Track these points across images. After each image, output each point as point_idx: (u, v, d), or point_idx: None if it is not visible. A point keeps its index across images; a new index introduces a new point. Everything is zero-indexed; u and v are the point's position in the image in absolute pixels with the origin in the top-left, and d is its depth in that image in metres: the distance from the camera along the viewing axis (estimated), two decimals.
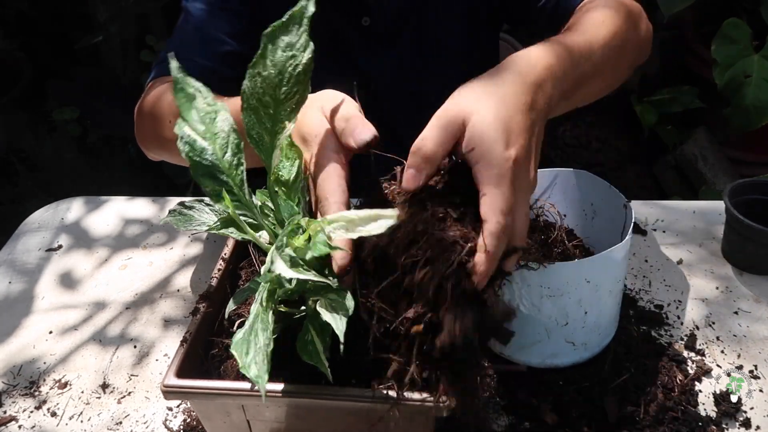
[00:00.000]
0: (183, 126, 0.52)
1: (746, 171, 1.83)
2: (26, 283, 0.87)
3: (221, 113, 0.53)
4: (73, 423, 0.67)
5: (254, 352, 0.47)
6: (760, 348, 0.72)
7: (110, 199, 1.02)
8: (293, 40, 0.50)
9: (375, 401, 0.51)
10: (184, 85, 0.52)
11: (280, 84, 0.51)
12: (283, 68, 0.50)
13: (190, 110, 0.52)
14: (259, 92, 0.51)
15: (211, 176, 0.52)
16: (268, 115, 0.52)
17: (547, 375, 0.66)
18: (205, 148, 0.52)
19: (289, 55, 0.50)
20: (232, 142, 0.52)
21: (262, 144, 0.52)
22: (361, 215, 0.47)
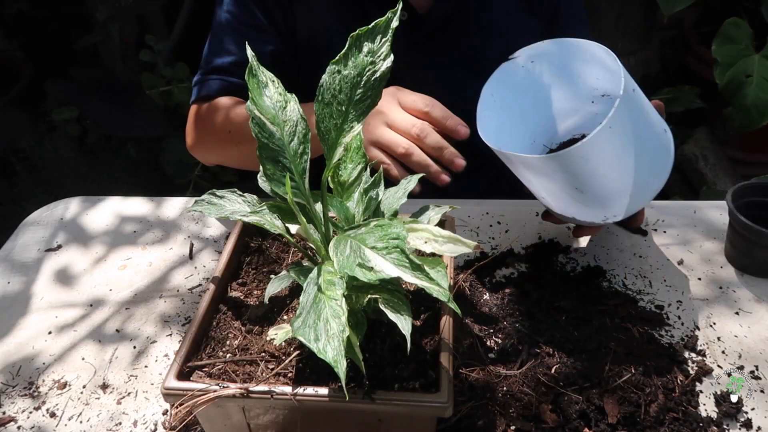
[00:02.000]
0: (253, 108, 0.54)
1: (747, 171, 1.83)
2: (25, 283, 0.86)
3: (291, 103, 0.55)
4: (73, 423, 0.67)
5: (326, 337, 0.47)
6: (761, 348, 0.72)
7: (109, 199, 1.02)
8: (375, 47, 0.53)
9: (377, 403, 0.51)
10: (257, 73, 0.55)
11: (357, 85, 0.53)
12: (362, 71, 0.53)
13: (261, 96, 0.55)
14: (336, 88, 0.53)
15: (275, 160, 0.54)
16: (340, 112, 0.53)
17: (546, 375, 0.66)
18: (273, 133, 0.54)
19: (369, 60, 0.53)
20: (300, 132, 0.55)
21: (329, 138, 0.54)
22: (444, 234, 0.51)
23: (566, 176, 0.66)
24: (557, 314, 0.74)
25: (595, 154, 0.64)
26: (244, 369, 0.57)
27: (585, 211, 0.73)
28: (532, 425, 0.62)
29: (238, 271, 0.69)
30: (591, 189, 0.68)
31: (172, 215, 0.97)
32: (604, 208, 0.71)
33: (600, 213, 0.72)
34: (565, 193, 0.70)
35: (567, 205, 0.73)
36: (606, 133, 0.62)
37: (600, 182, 0.68)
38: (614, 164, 0.67)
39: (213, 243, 0.91)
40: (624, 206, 0.71)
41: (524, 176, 0.72)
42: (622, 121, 0.64)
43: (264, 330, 0.61)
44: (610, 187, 0.69)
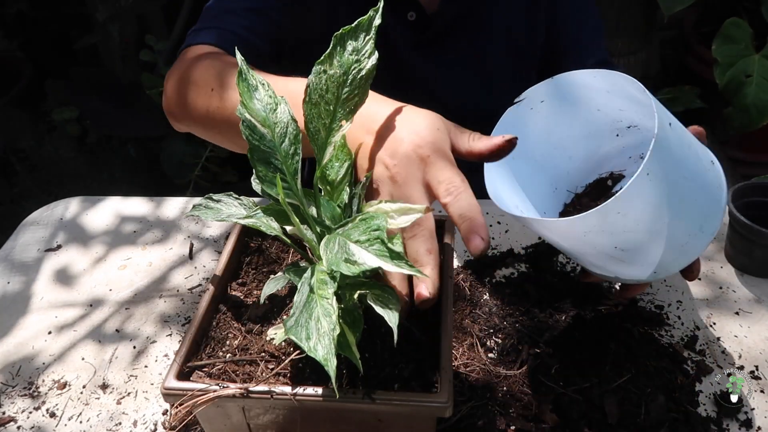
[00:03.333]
0: (244, 112, 0.54)
1: (747, 171, 1.83)
2: (25, 283, 0.86)
3: (281, 105, 0.55)
4: (72, 423, 0.67)
5: (317, 335, 0.47)
6: (761, 349, 0.72)
7: (109, 199, 1.02)
8: (360, 46, 0.53)
9: (377, 403, 0.51)
10: (247, 77, 0.55)
11: (343, 84, 0.53)
12: (348, 70, 0.53)
13: (252, 99, 0.55)
14: (323, 88, 0.53)
15: (266, 162, 0.54)
16: (328, 112, 0.54)
17: (546, 375, 0.66)
18: (264, 135, 0.55)
19: (354, 59, 0.53)
20: (291, 133, 0.55)
21: (319, 138, 0.54)
22: (394, 207, 0.51)
23: (603, 236, 0.57)
24: (557, 314, 0.74)
25: (634, 206, 0.54)
26: (244, 369, 0.57)
27: (630, 270, 0.62)
28: (532, 425, 0.62)
29: (238, 271, 0.69)
30: (634, 246, 0.58)
31: (172, 215, 0.97)
32: (651, 264, 0.61)
33: (647, 270, 0.62)
34: (604, 254, 0.60)
35: (608, 265, 0.62)
36: (644, 182, 0.52)
37: (644, 237, 0.57)
38: (659, 215, 0.56)
39: (213, 243, 0.91)
40: (676, 259, 0.61)
41: (552, 239, 0.62)
42: (662, 163, 0.54)
43: (264, 330, 0.61)
44: (656, 242, 0.58)
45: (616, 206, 0.53)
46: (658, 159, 0.53)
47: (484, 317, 0.73)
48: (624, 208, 0.54)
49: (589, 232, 0.56)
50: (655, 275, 0.62)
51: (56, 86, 2.13)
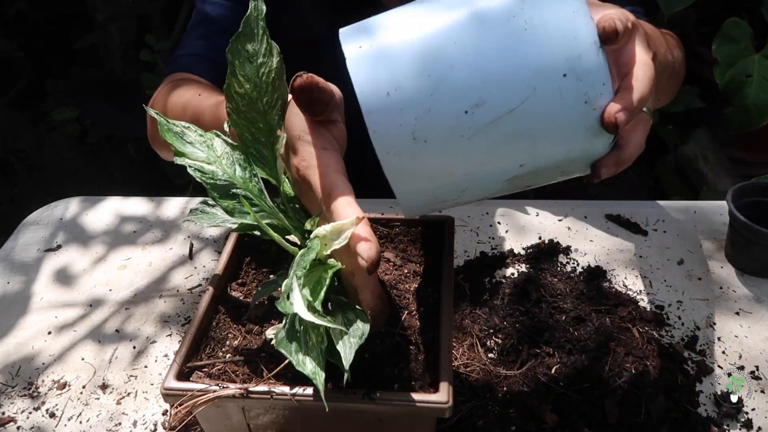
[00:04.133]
0: (185, 160, 0.53)
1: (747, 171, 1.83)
2: (25, 283, 0.86)
3: (216, 139, 0.54)
4: (72, 424, 0.67)
5: (306, 349, 0.47)
6: (762, 349, 0.72)
7: (109, 199, 1.02)
8: (257, 47, 0.50)
9: (377, 403, 0.51)
10: (170, 126, 0.54)
11: (259, 96, 0.51)
12: (256, 80, 0.50)
13: (184, 145, 0.54)
14: (243, 110, 0.51)
15: (229, 195, 0.53)
16: (260, 130, 0.52)
17: (546, 375, 0.66)
18: (215, 171, 0.53)
19: (257, 64, 0.50)
20: (237, 159, 0.54)
21: (265, 160, 0.53)
22: (328, 229, 0.47)
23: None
24: (557, 314, 0.74)
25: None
26: (244, 369, 0.57)
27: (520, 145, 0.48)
28: (532, 425, 0.62)
29: (238, 271, 0.69)
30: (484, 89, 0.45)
31: (172, 215, 0.97)
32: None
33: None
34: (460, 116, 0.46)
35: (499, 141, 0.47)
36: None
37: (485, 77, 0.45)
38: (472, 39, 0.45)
39: (213, 243, 0.91)
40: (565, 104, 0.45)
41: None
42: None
43: (264, 330, 0.61)
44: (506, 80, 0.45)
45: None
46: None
47: (484, 317, 0.73)
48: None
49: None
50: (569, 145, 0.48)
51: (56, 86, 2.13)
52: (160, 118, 0.54)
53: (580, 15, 0.45)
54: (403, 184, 0.48)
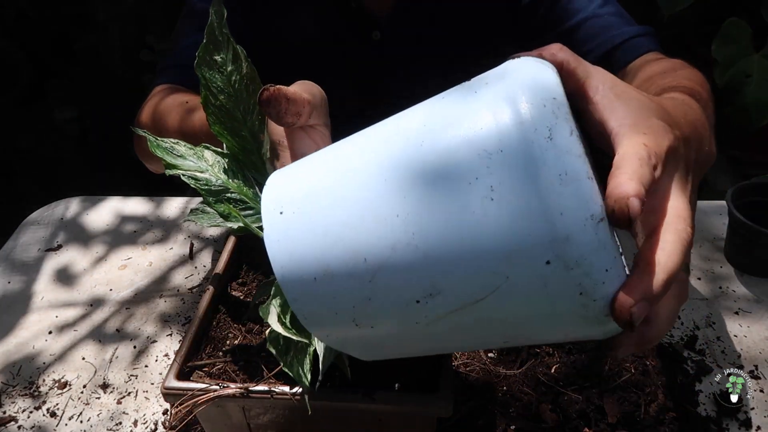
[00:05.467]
0: (178, 172, 0.52)
1: (747, 171, 1.83)
2: (25, 283, 0.86)
3: (206, 151, 0.54)
4: (73, 423, 0.67)
5: (295, 350, 0.47)
6: (761, 348, 0.72)
7: (109, 199, 1.02)
8: (224, 55, 0.49)
9: (377, 403, 0.51)
10: (159, 143, 0.54)
11: (235, 105, 0.50)
12: (229, 90, 0.50)
13: (175, 159, 0.53)
14: (223, 121, 0.51)
15: (223, 200, 0.53)
16: (243, 138, 0.52)
17: (546, 375, 0.66)
18: (208, 178, 0.53)
19: (227, 72, 0.50)
20: (230, 166, 0.53)
21: (254, 165, 0.53)
22: None
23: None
24: None
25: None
26: (244, 369, 0.57)
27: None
28: (532, 425, 0.62)
29: (238, 271, 0.69)
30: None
31: (172, 215, 0.97)
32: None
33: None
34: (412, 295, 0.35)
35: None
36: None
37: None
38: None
39: (213, 243, 0.91)
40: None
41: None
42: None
43: (264, 330, 0.61)
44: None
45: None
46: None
47: None
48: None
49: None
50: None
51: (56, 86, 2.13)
52: (148, 135, 0.54)
53: (570, 179, 0.31)
54: (355, 352, 0.42)
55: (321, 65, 0.88)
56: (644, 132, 0.35)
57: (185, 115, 0.73)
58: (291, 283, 0.37)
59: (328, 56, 0.88)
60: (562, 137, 0.31)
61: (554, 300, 0.33)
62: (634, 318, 0.32)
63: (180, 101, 0.77)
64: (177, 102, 0.77)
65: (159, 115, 0.78)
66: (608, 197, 0.32)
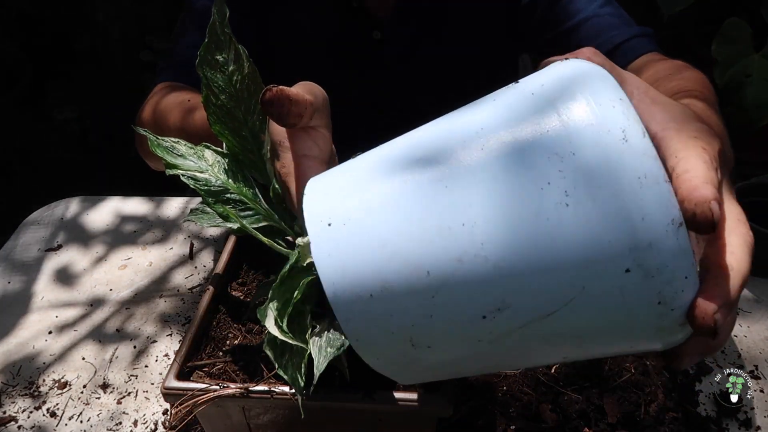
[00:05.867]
0: (178, 172, 0.52)
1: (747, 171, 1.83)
2: (25, 283, 0.86)
3: (207, 151, 0.54)
4: (73, 423, 0.67)
5: (290, 353, 0.47)
6: (761, 348, 0.72)
7: (109, 199, 1.02)
8: (226, 55, 0.49)
9: (377, 403, 0.51)
10: (159, 142, 0.54)
11: (237, 105, 0.50)
12: (231, 89, 0.50)
13: (176, 158, 0.54)
14: (224, 121, 0.51)
15: (222, 201, 0.53)
16: (244, 137, 0.52)
17: (546, 375, 0.66)
18: (208, 179, 0.53)
19: (229, 72, 0.50)
20: (230, 166, 0.54)
21: (255, 165, 0.53)
22: (305, 240, 0.46)
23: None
24: None
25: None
26: (244, 369, 0.57)
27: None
28: (532, 425, 0.62)
29: (238, 271, 0.69)
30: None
31: (172, 215, 0.97)
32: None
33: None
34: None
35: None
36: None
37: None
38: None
39: (213, 243, 0.91)
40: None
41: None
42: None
43: (264, 330, 0.61)
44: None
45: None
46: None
47: None
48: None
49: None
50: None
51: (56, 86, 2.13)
52: (149, 134, 0.54)
53: (650, 182, 0.29)
54: (402, 377, 0.40)
55: (321, 65, 0.88)
56: (695, 135, 0.34)
57: (186, 114, 0.73)
58: (344, 302, 0.34)
59: (329, 56, 0.89)
60: (636, 139, 0.30)
61: (630, 310, 0.31)
62: (718, 324, 0.31)
63: (181, 99, 0.77)
64: (178, 100, 0.77)
65: (160, 113, 0.79)
66: (686, 201, 0.30)
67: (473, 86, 0.58)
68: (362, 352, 0.36)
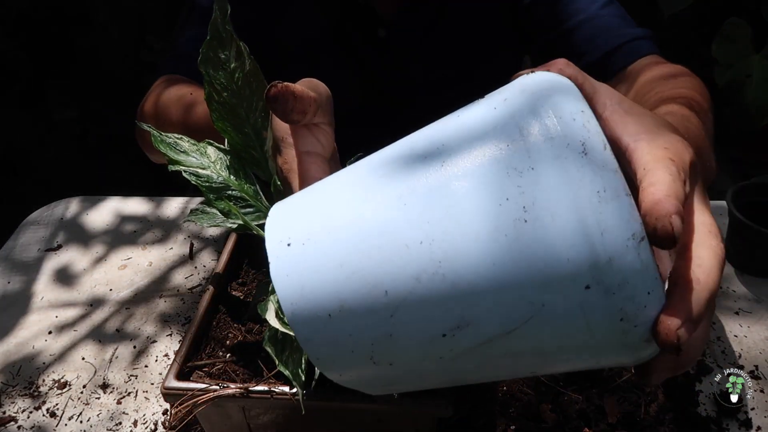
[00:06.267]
0: (180, 168, 0.53)
1: (747, 171, 1.83)
2: (25, 283, 0.86)
3: (209, 147, 0.54)
4: (73, 423, 0.67)
5: (291, 350, 0.47)
6: (761, 348, 0.72)
7: (109, 199, 1.02)
8: (227, 52, 0.49)
9: (377, 403, 0.51)
10: (163, 138, 0.54)
11: (239, 102, 0.50)
12: (233, 86, 0.50)
13: (178, 154, 0.54)
14: (226, 117, 0.51)
15: (223, 197, 0.53)
16: (246, 134, 0.52)
17: (547, 375, 0.66)
18: (210, 175, 0.53)
19: (230, 69, 0.50)
20: (232, 163, 0.54)
21: (257, 162, 0.53)
22: None
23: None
24: None
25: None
26: (244, 369, 0.57)
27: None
28: (531, 425, 0.62)
29: (238, 271, 0.69)
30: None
31: (172, 215, 0.97)
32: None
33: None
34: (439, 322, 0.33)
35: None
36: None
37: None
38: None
39: (213, 243, 0.91)
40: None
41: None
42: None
43: (264, 330, 0.61)
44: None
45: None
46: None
47: None
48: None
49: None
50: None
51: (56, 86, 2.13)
52: (152, 130, 0.54)
53: (609, 196, 0.29)
54: (370, 391, 0.39)
55: (325, 62, 0.88)
56: (665, 146, 0.33)
57: (188, 109, 0.73)
58: (303, 322, 0.34)
59: (332, 53, 0.89)
60: (596, 152, 0.30)
61: (591, 327, 0.31)
62: (681, 341, 0.30)
63: (182, 93, 0.77)
64: (179, 94, 0.77)
65: (162, 108, 0.79)
66: (648, 215, 0.30)
67: (476, 84, 0.58)
68: (324, 370, 0.36)
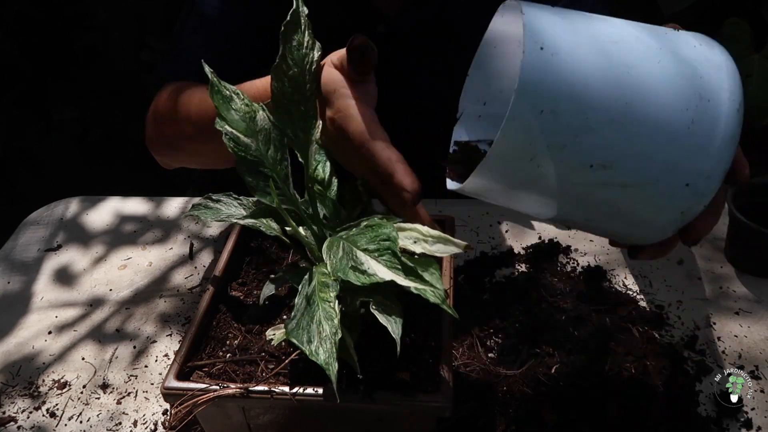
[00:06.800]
0: (224, 125, 0.53)
1: None
2: (25, 283, 0.86)
3: (260, 113, 0.55)
4: (73, 423, 0.67)
5: (319, 339, 0.47)
6: (761, 348, 0.72)
7: (109, 199, 1.02)
8: (302, 39, 0.52)
9: (377, 403, 0.51)
10: (220, 89, 0.55)
11: (305, 81, 0.52)
12: (303, 66, 0.52)
13: (229, 111, 0.54)
14: (289, 91, 0.52)
15: (255, 172, 0.54)
16: (300, 113, 0.53)
17: (546, 375, 0.66)
18: (248, 144, 0.54)
19: (303, 53, 0.52)
20: (275, 139, 0.54)
21: (298, 141, 0.53)
22: (433, 234, 0.49)
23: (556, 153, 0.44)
24: (557, 314, 0.74)
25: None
26: (244, 369, 0.57)
27: (636, 195, 0.47)
28: (532, 425, 0.62)
29: (238, 271, 0.69)
30: (610, 148, 0.45)
31: (172, 215, 0.97)
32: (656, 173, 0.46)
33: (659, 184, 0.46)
34: (585, 182, 0.45)
35: (607, 196, 0.47)
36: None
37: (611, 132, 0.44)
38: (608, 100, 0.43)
39: (213, 243, 0.91)
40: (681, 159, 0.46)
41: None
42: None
43: (264, 330, 0.61)
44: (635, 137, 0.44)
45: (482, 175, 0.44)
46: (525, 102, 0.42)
47: (484, 317, 0.73)
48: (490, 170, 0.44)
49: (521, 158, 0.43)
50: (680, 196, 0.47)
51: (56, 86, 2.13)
52: (212, 76, 0.55)
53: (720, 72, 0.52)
54: (484, 178, 0.46)
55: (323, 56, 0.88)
56: None
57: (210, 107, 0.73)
58: (526, 81, 0.41)
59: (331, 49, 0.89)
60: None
61: (663, 209, 0.48)
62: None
63: (203, 91, 0.77)
64: (201, 95, 0.77)
65: (182, 103, 0.79)
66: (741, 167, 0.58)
67: None
68: (497, 149, 0.43)
